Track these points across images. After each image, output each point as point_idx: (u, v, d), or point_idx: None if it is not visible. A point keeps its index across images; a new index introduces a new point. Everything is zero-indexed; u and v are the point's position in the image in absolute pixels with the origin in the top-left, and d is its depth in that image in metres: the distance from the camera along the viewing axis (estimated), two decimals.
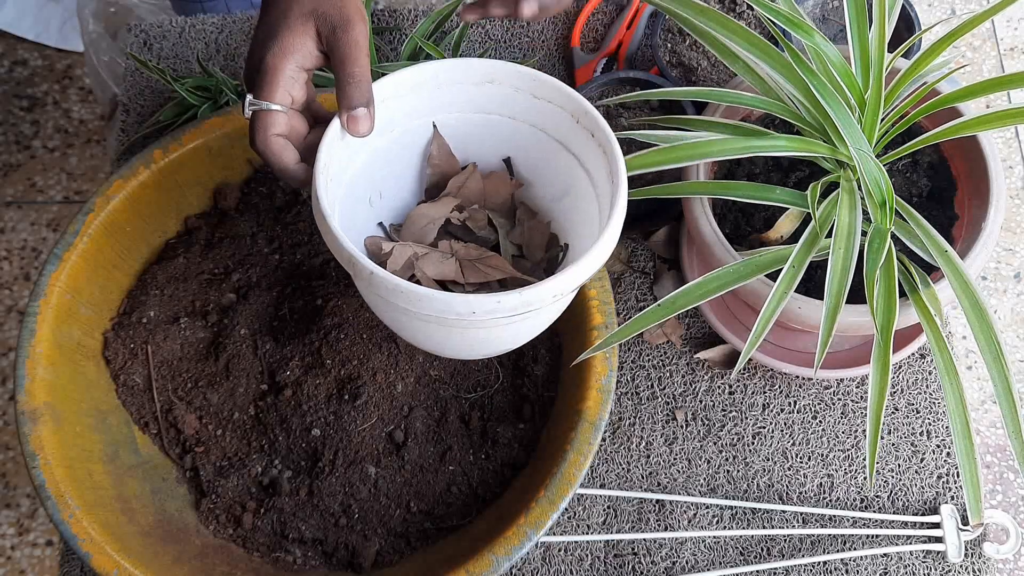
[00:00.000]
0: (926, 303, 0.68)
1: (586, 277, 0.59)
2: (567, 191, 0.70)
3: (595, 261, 0.59)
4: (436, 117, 0.69)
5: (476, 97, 0.68)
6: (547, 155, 0.70)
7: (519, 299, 0.57)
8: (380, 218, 0.71)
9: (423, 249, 0.68)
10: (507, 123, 0.69)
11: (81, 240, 0.73)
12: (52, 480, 0.66)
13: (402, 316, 0.61)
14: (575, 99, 0.65)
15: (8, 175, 1.65)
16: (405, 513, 0.72)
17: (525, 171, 0.73)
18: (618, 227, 0.61)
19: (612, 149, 0.63)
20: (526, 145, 0.70)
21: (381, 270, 0.56)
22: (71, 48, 1.73)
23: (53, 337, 0.71)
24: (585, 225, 0.69)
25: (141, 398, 0.75)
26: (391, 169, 0.70)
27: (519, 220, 0.72)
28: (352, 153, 0.65)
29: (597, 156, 0.65)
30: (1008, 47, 1.69)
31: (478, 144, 0.71)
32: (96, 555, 0.65)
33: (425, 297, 0.56)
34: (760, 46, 0.72)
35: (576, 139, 0.67)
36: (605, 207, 0.64)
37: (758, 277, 0.68)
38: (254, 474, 0.73)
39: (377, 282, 0.56)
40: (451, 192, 0.71)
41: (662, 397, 0.84)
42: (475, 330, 0.62)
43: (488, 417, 0.76)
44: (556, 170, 0.70)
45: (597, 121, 0.64)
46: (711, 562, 0.79)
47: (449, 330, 0.63)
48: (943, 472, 0.81)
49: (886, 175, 0.67)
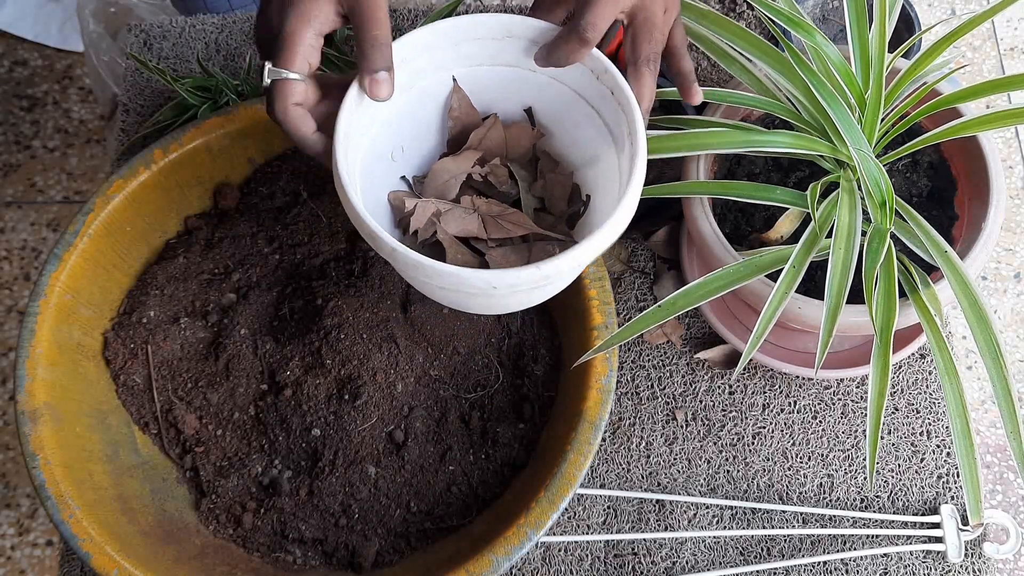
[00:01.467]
0: (926, 303, 0.68)
1: (606, 246, 0.60)
2: (587, 143, 0.70)
3: (614, 230, 0.60)
4: (456, 71, 0.69)
5: (495, 51, 0.67)
6: (567, 107, 0.69)
7: (538, 273, 0.58)
8: (403, 171, 0.71)
9: (445, 205, 0.68)
10: (527, 75, 0.69)
11: (81, 240, 0.73)
12: (52, 480, 0.66)
13: (425, 282, 0.62)
14: (595, 55, 0.64)
15: (8, 175, 1.65)
16: (405, 513, 0.72)
17: (546, 121, 0.72)
18: (637, 192, 0.61)
19: (631, 107, 0.63)
20: (546, 96, 0.70)
21: (402, 247, 0.57)
22: (71, 48, 1.73)
23: (53, 337, 0.71)
24: (606, 179, 0.68)
25: (141, 398, 0.75)
26: (412, 123, 0.70)
27: (540, 172, 0.72)
28: (372, 116, 0.65)
29: (616, 113, 0.65)
30: (1008, 47, 1.69)
31: (498, 95, 0.71)
32: (96, 555, 0.65)
33: (445, 273, 0.57)
34: (759, 46, 0.72)
35: (595, 94, 0.67)
36: (625, 167, 0.64)
37: (758, 277, 0.68)
38: (254, 474, 0.73)
39: (399, 258, 0.58)
40: (472, 144, 0.71)
41: (662, 397, 0.84)
42: (497, 298, 0.63)
43: (488, 417, 0.76)
44: (576, 122, 0.69)
45: (616, 79, 0.64)
46: (711, 562, 0.79)
47: (469, 296, 0.63)
48: (943, 472, 0.81)
49: (886, 175, 0.67)
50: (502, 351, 0.77)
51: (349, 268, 0.78)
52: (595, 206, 0.70)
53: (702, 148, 0.69)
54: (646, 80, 0.65)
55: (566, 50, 0.63)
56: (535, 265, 0.58)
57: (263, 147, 0.82)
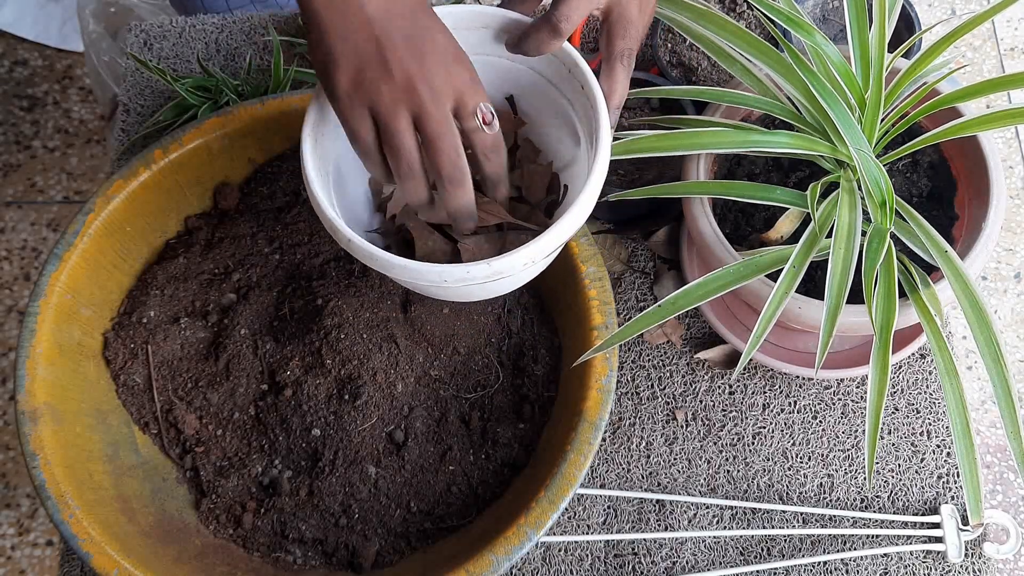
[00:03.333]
0: (926, 303, 0.68)
1: (554, 247, 0.60)
2: (564, 133, 0.70)
3: (570, 225, 0.60)
4: None
5: (474, 41, 0.67)
6: (546, 97, 0.70)
7: (488, 269, 0.59)
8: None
9: None
10: (507, 64, 0.69)
11: (81, 240, 0.73)
12: (52, 480, 0.66)
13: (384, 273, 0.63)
14: (566, 49, 0.65)
15: (8, 175, 1.65)
16: (405, 513, 0.72)
17: (527, 110, 0.73)
18: (595, 191, 0.61)
19: (597, 104, 0.63)
20: (526, 86, 0.70)
21: (358, 238, 0.59)
22: (71, 48, 1.73)
23: (53, 337, 0.71)
24: (579, 169, 0.69)
25: (141, 398, 0.75)
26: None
27: (519, 161, 0.72)
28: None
29: (586, 107, 0.65)
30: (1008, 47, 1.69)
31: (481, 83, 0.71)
32: (96, 555, 0.65)
33: (398, 266, 0.59)
34: (759, 47, 0.72)
35: (568, 87, 0.67)
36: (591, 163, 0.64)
37: (758, 277, 0.68)
38: (254, 474, 0.73)
39: (355, 249, 0.60)
40: None
41: (662, 397, 0.84)
42: (454, 289, 0.63)
43: (488, 417, 0.76)
44: (554, 111, 0.70)
45: (585, 74, 0.64)
46: (711, 562, 0.79)
47: (429, 287, 0.64)
48: (943, 472, 0.81)
49: (886, 175, 0.67)
50: (502, 351, 0.77)
51: (349, 268, 0.78)
52: (571, 196, 0.71)
53: (701, 147, 0.69)
54: (618, 76, 0.64)
55: (536, 39, 0.63)
56: (485, 262, 0.59)
57: (263, 147, 0.82)
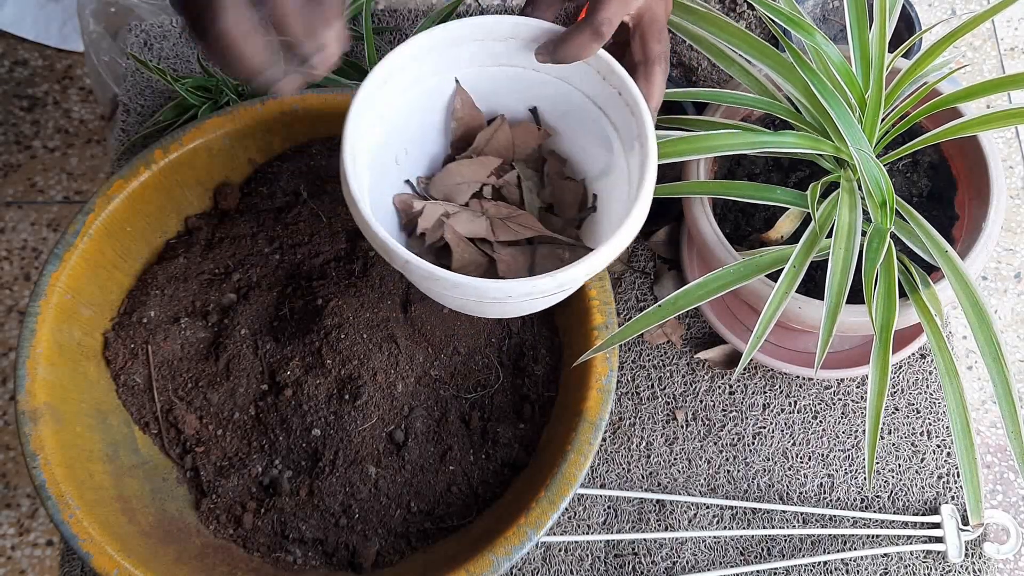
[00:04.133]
0: (926, 303, 0.68)
1: (618, 253, 0.60)
2: (594, 143, 0.69)
3: (627, 236, 0.60)
4: (459, 72, 0.68)
5: (499, 52, 0.67)
6: (574, 107, 0.69)
7: (553, 282, 0.58)
8: (407, 175, 0.71)
9: (453, 208, 0.68)
10: (532, 75, 0.68)
11: (81, 240, 0.73)
12: (52, 480, 0.66)
13: (439, 291, 0.62)
14: (601, 55, 0.64)
15: (8, 175, 1.65)
16: (405, 513, 0.72)
17: (553, 121, 0.72)
18: (649, 196, 0.61)
19: (639, 109, 0.62)
20: (552, 97, 0.69)
21: (415, 259, 0.58)
22: (71, 48, 1.73)
23: (53, 337, 0.71)
24: (614, 180, 0.68)
25: (141, 398, 0.75)
26: (416, 126, 0.70)
27: (548, 176, 0.72)
28: (374, 121, 0.65)
29: (624, 114, 0.65)
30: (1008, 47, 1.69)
31: (504, 96, 0.70)
32: (96, 555, 0.65)
33: (461, 284, 0.58)
34: (759, 47, 0.72)
35: (602, 94, 0.66)
36: (635, 170, 0.64)
37: (759, 277, 0.68)
38: (254, 474, 0.73)
39: (413, 270, 0.58)
40: (480, 145, 0.71)
41: (662, 397, 0.84)
42: (512, 305, 0.63)
43: (488, 417, 0.76)
44: (583, 122, 0.69)
45: (624, 79, 0.63)
46: (711, 562, 0.79)
47: (482, 304, 0.64)
48: (943, 472, 0.81)
49: (886, 175, 0.67)
50: (502, 351, 0.77)
51: (349, 268, 0.78)
52: (602, 207, 0.70)
53: (713, 151, 0.69)
54: (657, 79, 0.64)
55: (576, 44, 0.62)
56: (551, 275, 0.58)
57: (263, 147, 0.82)
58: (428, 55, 0.65)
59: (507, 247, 0.68)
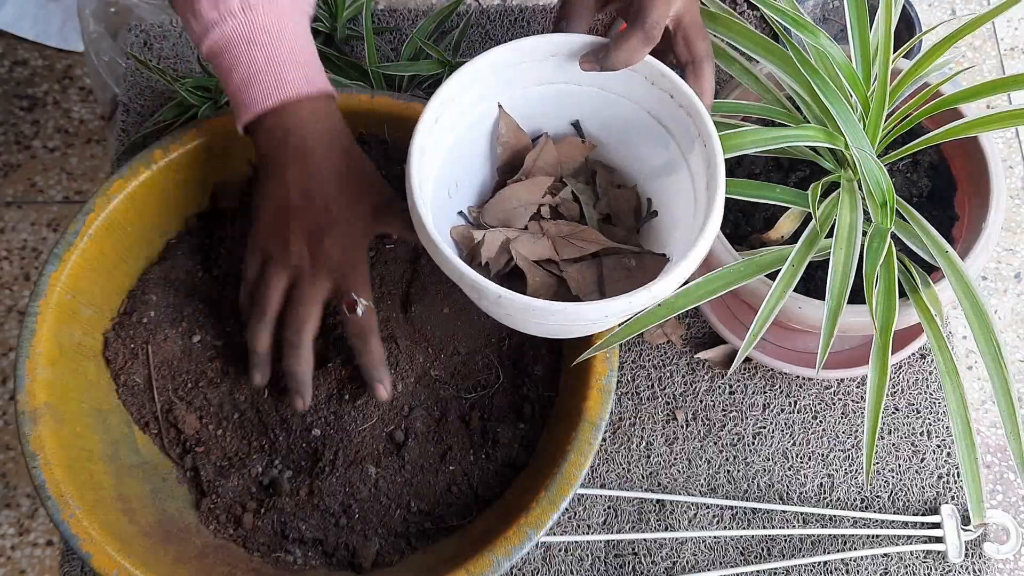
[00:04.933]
0: (926, 303, 0.68)
1: (704, 255, 0.61)
2: (646, 147, 0.69)
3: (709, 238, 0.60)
4: (501, 98, 0.69)
5: (538, 72, 0.67)
6: (620, 116, 0.69)
7: (648, 295, 0.59)
8: (459, 207, 0.71)
9: (513, 233, 0.68)
10: (573, 89, 0.68)
11: (81, 240, 0.73)
12: (52, 480, 0.66)
13: (532, 320, 0.62)
14: (649, 61, 0.64)
15: (8, 175, 1.65)
16: (405, 513, 0.72)
17: (597, 132, 0.72)
18: (723, 191, 0.61)
19: (696, 109, 0.63)
20: (595, 108, 0.69)
21: (508, 292, 0.58)
22: (71, 48, 1.73)
23: (53, 337, 0.71)
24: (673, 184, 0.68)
25: (141, 398, 0.75)
26: (464, 158, 0.70)
27: (601, 188, 0.72)
28: (429, 163, 0.65)
29: (678, 116, 0.65)
30: (1008, 47, 1.69)
31: (546, 115, 0.71)
32: (96, 555, 0.65)
33: (559, 311, 0.58)
34: (764, 45, 0.71)
35: (650, 99, 0.66)
36: (698, 169, 0.63)
37: (758, 277, 0.68)
38: (254, 474, 0.73)
39: (506, 303, 0.58)
40: (528, 167, 0.71)
41: (662, 397, 0.84)
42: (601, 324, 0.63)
43: (488, 417, 0.75)
44: (632, 129, 0.69)
45: (675, 82, 0.63)
46: (711, 562, 0.79)
47: (575, 327, 0.64)
48: (943, 472, 0.81)
49: (887, 175, 0.67)
50: (502, 351, 0.77)
51: None
52: (661, 210, 0.70)
53: (736, 149, 0.68)
54: (708, 76, 0.65)
55: (627, 50, 0.62)
56: (646, 288, 0.58)
57: None
58: (469, 88, 0.66)
59: (573, 264, 0.68)
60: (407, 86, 0.93)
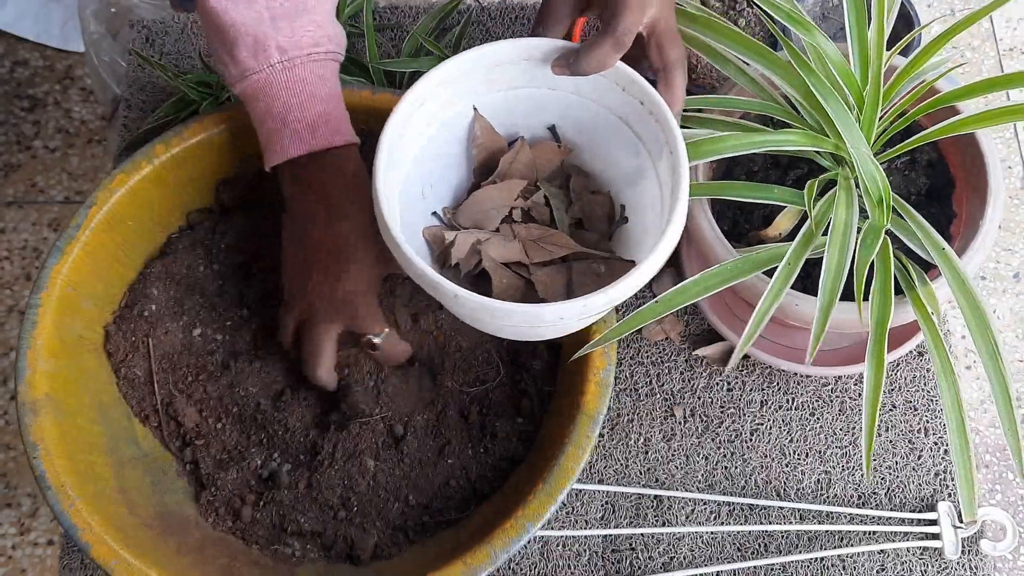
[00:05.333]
0: (923, 301, 0.68)
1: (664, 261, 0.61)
2: (619, 153, 0.70)
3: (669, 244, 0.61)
4: (476, 100, 0.69)
5: (513, 75, 0.68)
6: (593, 120, 0.69)
7: (605, 298, 0.59)
8: (433, 207, 0.72)
9: (484, 235, 0.69)
10: (548, 94, 0.69)
11: (83, 233, 0.74)
12: (53, 471, 0.67)
13: (491, 321, 0.63)
14: (620, 67, 0.64)
15: (9, 175, 1.66)
16: (404, 506, 0.73)
17: (572, 136, 0.73)
18: (685, 199, 0.61)
19: (664, 116, 0.63)
20: (570, 113, 0.70)
21: (464, 291, 0.59)
22: (72, 48, 1.73)
23: (55, 329, 0.71)
24: (642, 188, 0.69)
25: (142, 391, 0.75)
26: (440, 159, 0.71)
27: (575, 192, 0.72)
28: (400, 161, 0.66)
29: (647, 123, 0.65)
30: (1007, 47, 1.69)
31: (522, 118, 0.71)
32: (96, 545, 0.65)
33: (517, 312, 0.59)
34: (755, 48, 0.72)
35: (622, 105, 0.67)
36: (665, 175, 0.64)
37: (756, 274, 0.68)
38: (253, 467, 0.73)
39: (463, 302, 0.59)
40: (504, 169, 0.71)
41: (660, 393, 0.84)
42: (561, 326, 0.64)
43: (487, 412, 0.76)
44: (604, 134, 0.70)
45: (645, 88, 0.64)
46: (709, 558, 0.79)
47: (536, 329, 0.65)
48: (940, 469, 0.82)
49: (883, 173, 0.67)
50: (502, 346, 0.78)
51: None
52: (633, 215, 0.71)
53: (715, 154, 0.69)
54: (678, 84, 0.66)
55: (598, 55, 0.63)
56: (602, 291, 0.59)
57: None
58: (442, 89, 0.66)
59: (543, 268, 0.69)
60: (408, 82, 0.94)
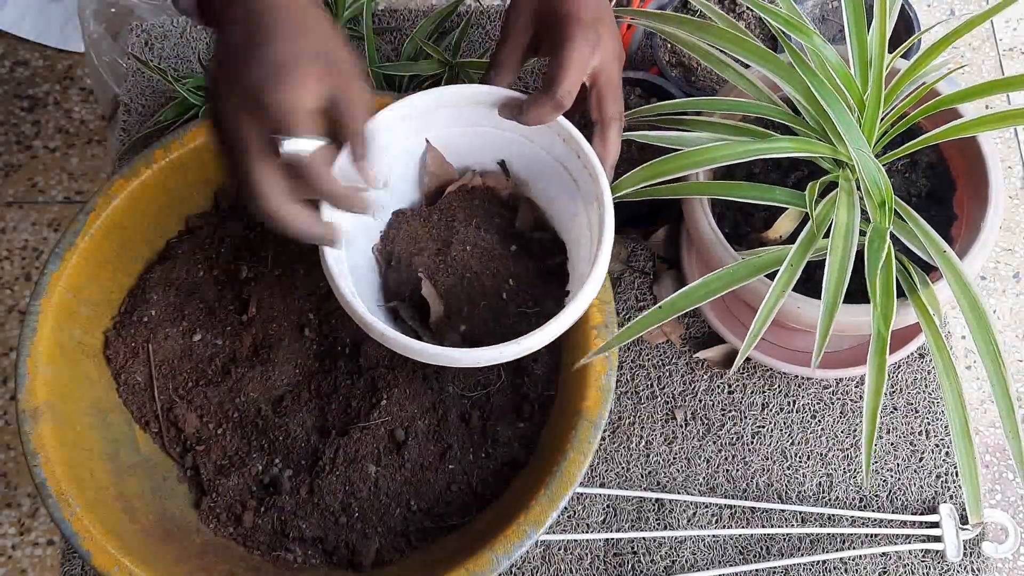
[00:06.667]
0: (925, 303, 0.68)
1: (580, 313, 0.65)
2: (561, 195, 0.73)
3: (585, 300, 0.64)
4: (431, 133, 0.73)
5: (466, 115, 0.71)
6: (539, 162, 0.73)
7: (518, 348, 0.63)
8: (383, 227, 0.75)
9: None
10: (499, 133, 0.72)
11: (83, 239, 0.73)
12: (53, 478, 0.67)
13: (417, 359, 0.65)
14: (560, 122, 0.68)
15: (9, 175, 1.66)
16: (405, 512, 0.72)
17: (521, 172, 0.76)
18: (607, 256, 0.65)
19: (596, 172, 0.67)
20: (518, 152, 0.74)
21: (391, 331, 0.62)
22: (72, 49, 1.73)
23: (54, 336, 0.71)
24: (579, 230, 0.72)
25: (142, 397, 0.75)
26: (393, 181, 0.74)
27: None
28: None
29: (584, 175, 0.69)
30: (1007, 48, 1.69)
31: (473, 152, 0.75)
32: (97, 553, 0.65)
33: (441, 355, 0.62)
34: (756, 52, 0.72)
35: (563, 154, 0.71)
36: (595, 226, 0.67)
37: (758, 277, 0.68)
38: (254, 473, 0.73)
39: (389, 341, 0.62)
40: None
41: (662, 396, 0.84)
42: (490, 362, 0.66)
43: (488, 416, 0.76)
44: (548, 175, 0.73)
45: (581, 145, 0.68)
46: (710, 561, 0.79)
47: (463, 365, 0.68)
48: (942, 472, 0.82)
49: (885, 175, 0.67)
50: None
51: None
52: (573, 255, 0.74)
53: (709, 163, 0.70)
54: (613, 139, 0.68)
55: (539, 112, 0.66)
56: (516, 342, 0.62)
57: None
58: (401, 122, 0.70)
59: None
60: (407, 86, 0.94)
